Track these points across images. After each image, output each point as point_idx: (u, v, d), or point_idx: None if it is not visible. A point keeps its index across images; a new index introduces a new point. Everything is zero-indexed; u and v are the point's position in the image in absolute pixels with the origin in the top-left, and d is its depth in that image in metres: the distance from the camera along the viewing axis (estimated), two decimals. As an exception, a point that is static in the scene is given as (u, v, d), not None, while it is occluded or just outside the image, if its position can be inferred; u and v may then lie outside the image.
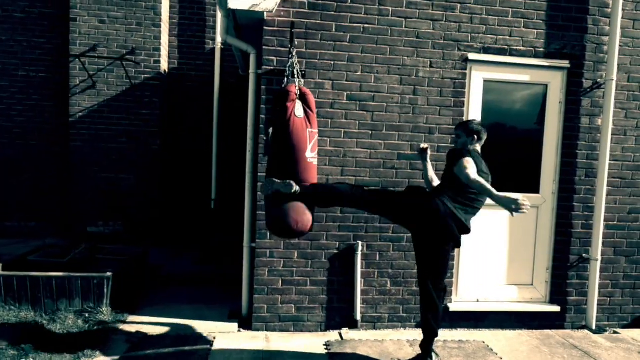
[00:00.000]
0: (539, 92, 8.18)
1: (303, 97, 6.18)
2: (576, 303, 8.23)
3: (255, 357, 6.63)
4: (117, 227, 11.89)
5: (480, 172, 5.87)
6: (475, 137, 6.19)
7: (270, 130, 6.26)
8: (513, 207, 5.15)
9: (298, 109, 6.07)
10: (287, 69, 6.68)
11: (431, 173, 6.77)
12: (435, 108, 7.74)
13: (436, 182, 6.70)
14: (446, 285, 6.47)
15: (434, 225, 5.92)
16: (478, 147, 6.27)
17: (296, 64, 6.74)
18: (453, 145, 6.72)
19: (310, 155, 6.09)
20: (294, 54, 6.81)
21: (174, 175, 12.78)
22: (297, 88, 6.15)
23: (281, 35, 7.38)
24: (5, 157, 12.40)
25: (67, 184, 12.05)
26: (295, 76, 6.66)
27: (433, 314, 6.27)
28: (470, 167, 5.73)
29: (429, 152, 6.66)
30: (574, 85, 8.05)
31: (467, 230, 6.01)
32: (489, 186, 5.51)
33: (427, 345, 6.41)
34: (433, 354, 6.49)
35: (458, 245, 6.20)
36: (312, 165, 6.18)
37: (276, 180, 5.81)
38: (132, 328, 7.49)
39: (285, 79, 6.66)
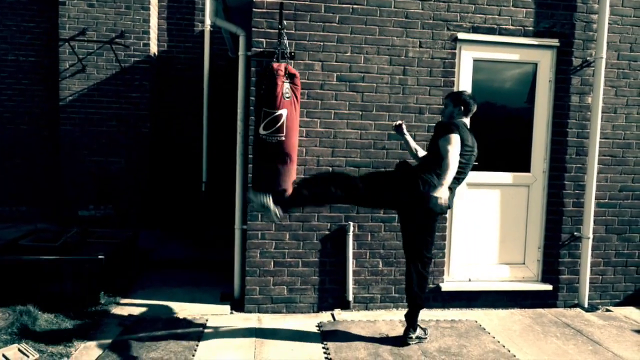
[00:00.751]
0: (528, 71, 8.17)
1: (291, 78, 6.30)
2: (568, 281, 8.26)
3: (248, 339, 6.64)
4: (108, 210, 11.87)
5: (464, 145, 5.89)
6: (462, 107, 6.19)
7: (284, 112, 6.30)
8: (434, 202, 5.59)
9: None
10: (277, 50, 6.68)
11: (413, 144, 6.83)
12: (425, 88, 7.73)
13: (421, 152, 6.79)
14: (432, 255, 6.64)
15: (418, 203, 5.93)
16: (465, 120, 6.27)
17: (286, 45, 6.74)
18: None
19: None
20: (284, 35, 6.81)
21: (165, 158, 12.77)
22: (285, 67, 6.25)
23: (270, 17, 7.35)
24: (-4, 142, 12.38)
25: (58, 168, 12.01)
26: (285, 57, 6.68)
27: (421, 287, 6.41)
28: (454, 145, 5.77)
29: (404, 127, 6.65)
30: (564, 64, 8.05)
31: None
32: (449, 174, 5.67)
33: (413, 318, 6.52)
34: (418, 327, 6.56)
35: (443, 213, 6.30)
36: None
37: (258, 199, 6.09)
38: (124, 311, 7.49)
39: (274, 60, 6.67)
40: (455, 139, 5.79)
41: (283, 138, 6.25)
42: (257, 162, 6.56)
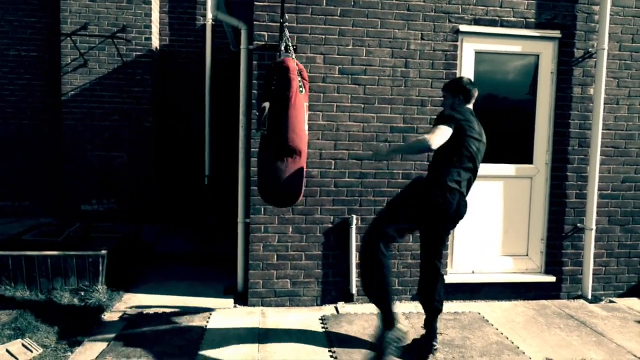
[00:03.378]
0: (530, 63, 8.17)
1: (300, 73, 6.18)
2: (571, 273, 8.26)
3: (252, 333, 6.66)
4: (110, 204, 11.87)
5: (468, 137, 5.65)
6: (462, 96, 5.95)
7: (267, 104, 6.13)
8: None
9: (300, 84, 6.08)
10: (279, 43, 6.65)
11: None
12: (427, 80, 7.72)
13: None
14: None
15: (442, 219, 5.82)
16: (468, 106, 6.00)
17: (288, 39, 6.71)
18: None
19: (306, 128, 6.23)
20: (285, 28, 6.78)
21: (167, 153, 12.76)
22: (295, 63, 6.14)
23: (272, 10, 7.35)
24: (-2, 137, 12.39)
25: (60, 162, 12.01)
26: (288, 50, 6.65)
27: (439, 288, 6.23)
28: (437, 134, 5.44)
29: None
30: (566, 55, 8.04)
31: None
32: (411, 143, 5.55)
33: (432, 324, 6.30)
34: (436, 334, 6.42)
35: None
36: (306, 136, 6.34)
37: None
38: (128, 305, 7.50)
39: (278, 54, 6.64)
40: (440, 129, 5.51)
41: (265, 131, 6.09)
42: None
